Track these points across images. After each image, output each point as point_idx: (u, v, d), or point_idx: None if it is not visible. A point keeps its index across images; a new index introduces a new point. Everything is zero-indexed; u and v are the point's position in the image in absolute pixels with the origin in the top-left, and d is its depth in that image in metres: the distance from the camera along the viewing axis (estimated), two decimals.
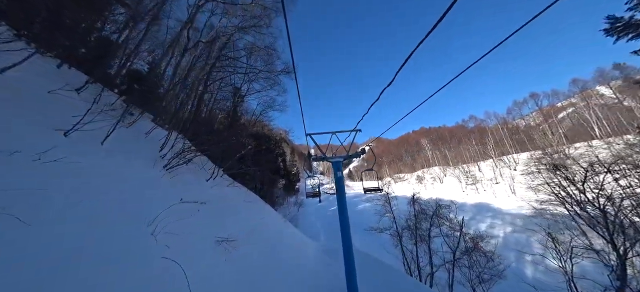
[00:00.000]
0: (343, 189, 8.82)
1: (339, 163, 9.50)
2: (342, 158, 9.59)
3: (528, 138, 54.29)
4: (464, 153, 68.69)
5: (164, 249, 3.38)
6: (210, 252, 4.49)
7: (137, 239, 3.30)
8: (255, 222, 9.19)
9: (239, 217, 8.04)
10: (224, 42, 14.51)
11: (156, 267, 3.07)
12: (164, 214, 3.93)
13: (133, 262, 2.92)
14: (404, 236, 15.45)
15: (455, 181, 61.20)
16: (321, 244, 25.37)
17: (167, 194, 4.98)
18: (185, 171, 7.29)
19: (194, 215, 4.86)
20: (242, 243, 5.67)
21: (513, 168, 51.78)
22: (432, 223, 13.64)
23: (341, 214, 8.37)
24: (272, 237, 9.96)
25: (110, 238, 2.96)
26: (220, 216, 6.27)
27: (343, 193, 8.77)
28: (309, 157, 9.43)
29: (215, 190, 8.30)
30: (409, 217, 14.97)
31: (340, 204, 8.46)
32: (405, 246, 14.48)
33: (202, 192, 6.86)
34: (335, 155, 10.28)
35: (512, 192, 45.84)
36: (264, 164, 18.68)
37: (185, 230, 4.19)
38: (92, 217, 3.05)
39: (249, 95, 21.61)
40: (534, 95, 57.04)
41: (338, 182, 8.83)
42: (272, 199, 27.87)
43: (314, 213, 45.18)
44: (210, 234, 4.93)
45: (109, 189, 3.81)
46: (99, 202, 3.40)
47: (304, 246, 16.12)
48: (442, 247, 13.65)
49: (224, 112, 21.63)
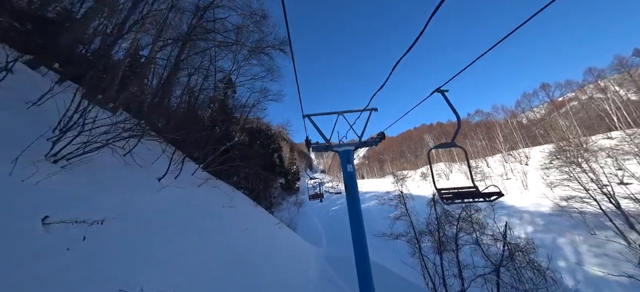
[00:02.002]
0: (355, 190, 6.33)
1: (348, 153, 6.98)
2: (352, 146, 7.06)
3: (539, 131, 51.66)
4: (471, 148, 66.14)
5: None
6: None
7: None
8: (232, 236, 6.69)
9: (201, 234, 5.52)
10: (201, 9, 11.78)
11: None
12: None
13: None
14: (423, 241, 12.92)
15: (462, 177, 58.67)
16: (323, 250, 22.88)
17: (32, 201, 2.49)
18: (118, 164, 4.75)
19: (63, 254, 2.33)
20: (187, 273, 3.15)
21: (524, 163, 49.19)
22: (459, 227, 11.11)
23: (355, 226, 5.83)
24: (260, 251, 7.46)
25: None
26: (146, 238, 3.72)
27: (355, 196, 6.29)
28: (307, 145, 6.91)
29: (173, 193, 5.79)
30: (430, 221, 12.45)
31: (353, 212, 5.92)
32: (425, 255, 11.96)
33: (138, 198, 4.34)
34: (342, 143, 7.73)
35: (525, 188, 43.35)
36: (255, 159, 16.14)
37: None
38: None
39: (240, 80, 19.01)
40: (545, 86, 54.33)
41: (348, 180, 6.15)
42: (269, 201, 25.43)
43: (315, 213, 42.74)
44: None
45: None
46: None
47: (304, 256, 13.60)
48: (472, 257, 11.13)
49: (212, 100, 19.10)
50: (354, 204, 6.12)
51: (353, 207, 6.20)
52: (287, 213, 36.74)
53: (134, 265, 3.02)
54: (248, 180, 21.90)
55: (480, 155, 62.19)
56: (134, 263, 3.02)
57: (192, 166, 9.52)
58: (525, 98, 60.35)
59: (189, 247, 4.61)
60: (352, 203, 6.15)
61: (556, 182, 26.54)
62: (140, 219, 3.82)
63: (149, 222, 4.00)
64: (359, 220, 6.00)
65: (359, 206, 6.10)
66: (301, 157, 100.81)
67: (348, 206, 6.23)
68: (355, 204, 6.11)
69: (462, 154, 68.18)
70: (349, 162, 6.49)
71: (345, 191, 6.30)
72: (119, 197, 3.81)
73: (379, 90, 4.23)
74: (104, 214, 2.92)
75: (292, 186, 39.89)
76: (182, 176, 7.32)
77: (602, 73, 45.02)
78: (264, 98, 20.59)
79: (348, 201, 6.12)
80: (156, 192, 5.16)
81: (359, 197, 6.12)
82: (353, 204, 6.14)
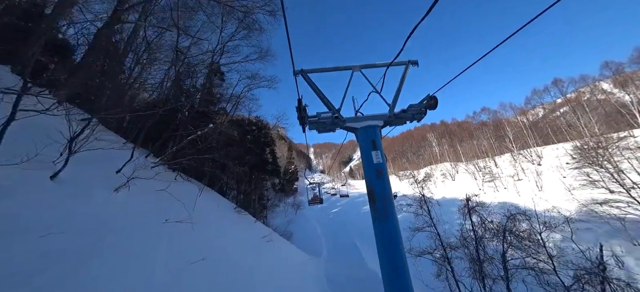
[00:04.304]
0: (389, 200, 3.18)
1: (372, 132, 3.77)
2: (379, 122, 3.89)
3: (552, 129, 48.90)
4: (477, 147, 63.32)
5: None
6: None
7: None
8: (166, 276, 3.78)
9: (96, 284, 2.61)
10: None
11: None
12: None
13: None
14: (453, 259, 10.01)
15: (469, 177, 55.83)
16: (323, 261, 19.87)
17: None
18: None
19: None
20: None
21: (537, 163, 46.36)
22: (509, 243, 8.28)
23: (393, 277, 2.65)
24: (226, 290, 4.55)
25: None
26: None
27: (390, 210, 3.14)
28: (300, 117, 3.99)
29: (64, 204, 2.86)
30: (462, 234, 9.58)
31: (387, 243, 2.75)
32: (459, 280, 9.06)
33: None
34: (360, 116, 4.84)
35: (540, 190, 40.51)
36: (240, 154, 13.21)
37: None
38: None
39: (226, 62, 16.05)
40: (558, 82, 51.38)
41: (374, 180, 3.40)
42: (260, 204, 22.50)
43: (314, 216, 39.79)
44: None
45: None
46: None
47: (298, 277, 10.67)
48: (525, 284, 8.27)
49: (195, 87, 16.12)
50: (388, 227, 3.23)
51: (385, 231, 3.28)
52: (283, 217, 33.79)
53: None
54: (236, 180, 18.95)
55: (487, 155, 59.35)
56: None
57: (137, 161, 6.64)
58: (535, 95, 57.53)
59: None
60: (383, 225, 3.25)
61: (584, 184, 23.78)
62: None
63: None
64: (400, 266, 3.08)
65: (396, 232, 3.21)
66: (300, 157, 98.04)
67: (375, 230, 3.31)
68: (388, 228, 3.22)
69: (469, 153, 65.32)
70: (374, 146, 3.57)
71: (370, 201, 3.39)
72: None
73: (418, 26, 2.15)
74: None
75: (289, 187, 36.95)
76: (95, 177, 4.41)
77: (621, 67, 42.22)
78: (255, 84, 17.68)
79: (376, 219, 3.19)
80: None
81: (396, 214, 3.22)
82: (385, 226, 3.25)
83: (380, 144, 3.54)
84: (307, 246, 24.20)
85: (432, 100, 3.72)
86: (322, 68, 4.50)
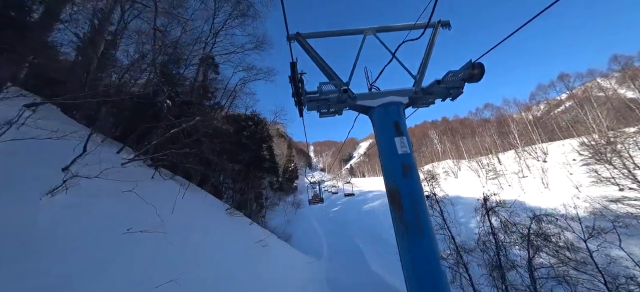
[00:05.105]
0: (420, 193, 1.85)
1: (394, 111, 2.48)
2: (403, 98, 2.74)
3: (558, 125, 47.79)
4: (480, 145, 62.23)
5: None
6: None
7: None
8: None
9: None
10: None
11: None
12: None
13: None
14: (467, 264, 9.03)
15: (472, 174, 54.76)
16: (324, 263, 18.87)
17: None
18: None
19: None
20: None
21: (542, 160, 45.30)
22: (536, 248, 7.31)
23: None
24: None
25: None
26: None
27: (427, 228, 1.82)
28: (296, 86, 2.82)
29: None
30: (480, 237, 8.60)
31: (419, 254, 1.43)
32: (478, 289, 8.08)
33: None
34: (374, 91, 3.62)
35: (546, 187, 39.46)
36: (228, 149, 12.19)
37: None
38: None
39: (218, 52, 14.99)
40: (564, 77, 50.16)
41: (397, 175, 2.20)
42: (258, 204, 21.53)
43: (314, 215, 38.88)
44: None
45: None
46: None
47: (297, 281, 9.70)
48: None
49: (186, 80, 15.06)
50: (422, 245, 2.18)
51: (419, 252, 2.23)
52: (282, 216, 32.83)
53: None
54: (233, 179, 17.96)
55: (490, 152, 58.30)
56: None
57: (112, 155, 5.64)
58: (540, 90, 56.31)
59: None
60: (415, 243, 2.16)
61: (598, 181, 22.77)
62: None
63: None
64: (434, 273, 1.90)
65: (434, 252, 2.15)
66: (300, 155, 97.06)
67: (403, 249, 2.19)
68: (423, 246, 2.17)
69: (472, 150, 64.24)
70: (398, 131, 2.44)
71: (395, 209, 2.30)
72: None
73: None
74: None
75: (288, 185, 35.96)
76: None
77: (630, 61, 41.02)
78: (252, 77, 16.61)
79: (404, 234, 2.11)
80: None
81: (432, 226, 2.19)
82: (418, 245, 2.17)
83: (405, 127, 2.52)
84: (307, 246, 23.22)
85: (476, 69, 2.66)
86: (324, 32, 3.44)
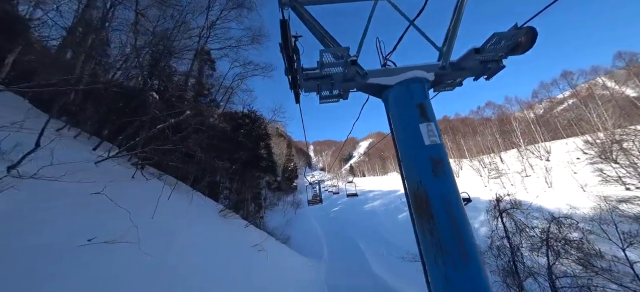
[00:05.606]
0: (458, 199, 1.03)
1: (419, 88, 1.63)
2: (428, 75, 1.99)
3: (561, 123, 47.14)
4: (482, 143, 61.65)
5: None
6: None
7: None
8: None
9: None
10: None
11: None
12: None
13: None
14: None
15: (474, 173, 54.18)
16: (324, 264, 18.22)
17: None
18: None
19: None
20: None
21: (545, 159, 44.70)
22: (558, 254, 6.71)
23: None
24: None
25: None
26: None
27: (469, 238, 0.99)
28: (289, 59, 2.08)
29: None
30: (493, 241, 7.98)
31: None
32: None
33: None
34: (389, 67, 2.83)
35: (549, 186, 38.88)
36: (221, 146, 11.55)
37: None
38: None
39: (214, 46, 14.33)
40: (567, 74, 49.50)
41: (425, 174, 1.63)
42: (257, 203, 20.92)
43: (313, 215, 38.32)
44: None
45: None
46: None
47: (296, 288, 9.09)
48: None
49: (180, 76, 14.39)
50: (465, 280, 1.37)
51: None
52: (281, 217, 32.20)
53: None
54: (229, 178, 17.32)
55: (492, 151, 57.72)
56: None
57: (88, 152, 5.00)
58: (543, 88, 55.64)
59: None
60: (459, 277, 1.35)
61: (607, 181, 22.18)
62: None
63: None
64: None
65: (484, 287, 1.32)
66: (299, 155, 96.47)
67: (437, 283, 1.40)
68: (466, 282, 1.38)
69: (473, 149, 63.62)
70: (424, 115, 1.70)
71: (422, 221, 1.53)
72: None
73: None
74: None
75: (287, 185, 35.32)
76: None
77: (635, 57, 40.36)
78: (249, 72, 15.97)
79: (437, 267, 1.38)
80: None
81: (479, 251, 1.47)
82: (460, 281, 1.38)
83: (432, 111, 1.87)
84: (307, 247, 22.61)
85: (526, 35, 2.00)
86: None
